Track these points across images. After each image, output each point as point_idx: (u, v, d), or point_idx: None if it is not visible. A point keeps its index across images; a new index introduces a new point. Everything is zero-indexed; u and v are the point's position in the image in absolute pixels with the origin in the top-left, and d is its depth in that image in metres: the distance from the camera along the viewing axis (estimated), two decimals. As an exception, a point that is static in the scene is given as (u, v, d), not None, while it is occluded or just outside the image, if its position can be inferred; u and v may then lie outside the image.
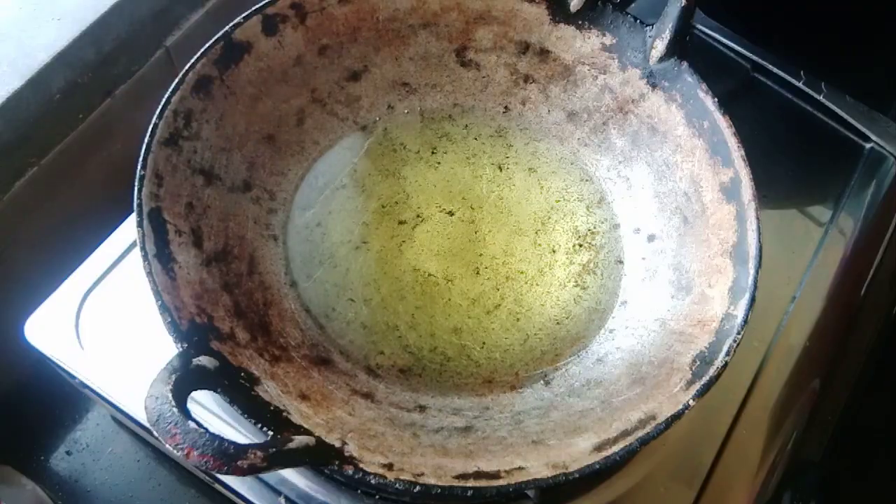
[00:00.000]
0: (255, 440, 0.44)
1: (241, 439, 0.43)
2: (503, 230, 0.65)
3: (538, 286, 0.63)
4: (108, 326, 0.62)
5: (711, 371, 0.53)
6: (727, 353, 0.53)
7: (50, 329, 0.61)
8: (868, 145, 0.84)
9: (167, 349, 0.48)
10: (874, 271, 0.78)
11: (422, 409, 0.57)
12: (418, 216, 0.64)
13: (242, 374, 0.51)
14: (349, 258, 0.63)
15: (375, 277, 0.62)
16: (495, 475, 0.48)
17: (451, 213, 0.65)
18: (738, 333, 0.54)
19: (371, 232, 0.64)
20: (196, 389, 0.45)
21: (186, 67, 0.59)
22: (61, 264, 0.64)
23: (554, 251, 0.65)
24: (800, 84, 0.85)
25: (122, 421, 0.68)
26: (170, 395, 0.42)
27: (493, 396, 0.59)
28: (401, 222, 0.63)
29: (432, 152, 0.68)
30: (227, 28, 0.62)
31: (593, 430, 0.52)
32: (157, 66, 0.75)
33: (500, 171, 0.67)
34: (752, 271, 0.56)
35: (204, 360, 0.47)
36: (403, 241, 0.64)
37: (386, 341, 0.60)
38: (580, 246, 0.65)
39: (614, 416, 0.53)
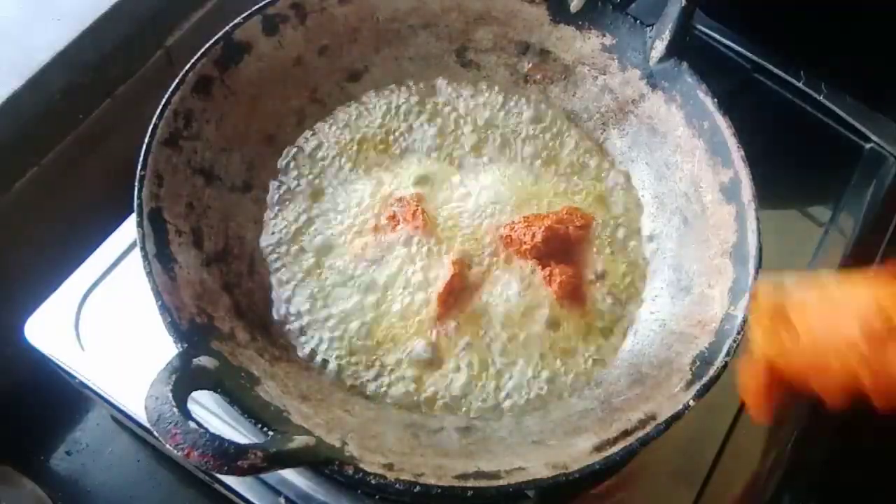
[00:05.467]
0: (255, 440, 0.44)
1: (241, 439, 0.43)
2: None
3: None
4: (108, 326, 0.62)
5: (711, 371, 0.53)
6: (727, 354, 0.53)
7: (50, 329, 0.61)
8: (868, 145, 0.84)
9: (167, 349, 0.48)
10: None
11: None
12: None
13: (243, 374, 0.51)
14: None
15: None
16: (495, 475, 0.48)
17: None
18: (738, 333, 0.54)
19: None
20: (196, 389, 0.45)
21: (186, 67, 0.59)
22: (61, 264, 0.64)
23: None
24: (800, 84, 0.85)
25: (122, 421, 0.67)
26: (170, 395, 0.42)
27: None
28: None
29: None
30: (227, 28, 0.62)
31: (593, 430, 0.52)
32: (157, 66, 0.75)
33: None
34: (752, 271, 0.56)
35: (204, 360, 0.47)
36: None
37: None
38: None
39: (614, 416, 0.53)
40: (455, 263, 0.59)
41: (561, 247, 0.62)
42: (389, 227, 0.61)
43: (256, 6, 0.63)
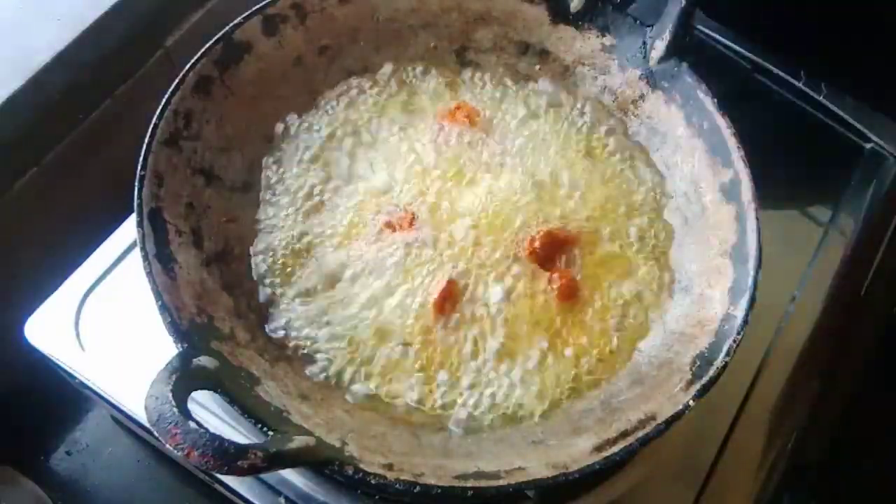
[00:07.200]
0: (255, 440, 0.44)
1: (241, 439, 0.43)
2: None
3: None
4: (108, 326, 0.62)
5: (711, 371, 0.53)
6: (727, 354, 0.53)
7: (50, 329, 0.61)
8: (868, 145, 0.84)
9: (167, 349, 0.48)
10: (874, 271, 0.78)
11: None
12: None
13: (243, 374, 0.51)
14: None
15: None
16: (495, 475, 0.48)
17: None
18: (738, 333, 0.54)
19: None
20: (196, 389, 0.45)
21: (186, 67, 0.59)
22: (61, 264, 0.64)
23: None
24: (800, 84, 0.85)
25: (122, 421, 0.68)
26: (170, 395, 0.42)
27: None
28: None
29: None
30: (227, 28, 0.62)
31: (593, 430, 0.52)
32: (157, 66, 0.75)
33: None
34: (752, 271, 0.56)
35: (204, 360, 0.47)
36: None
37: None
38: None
39: (614, 416, 0.53)
40: (451, 269, 0.59)
41: (561, 251, 0.61)
42: (385, 233, 0.61)
43: (256, 6, 0.63)
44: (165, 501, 0.71)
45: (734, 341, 0.54)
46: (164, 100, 0.58)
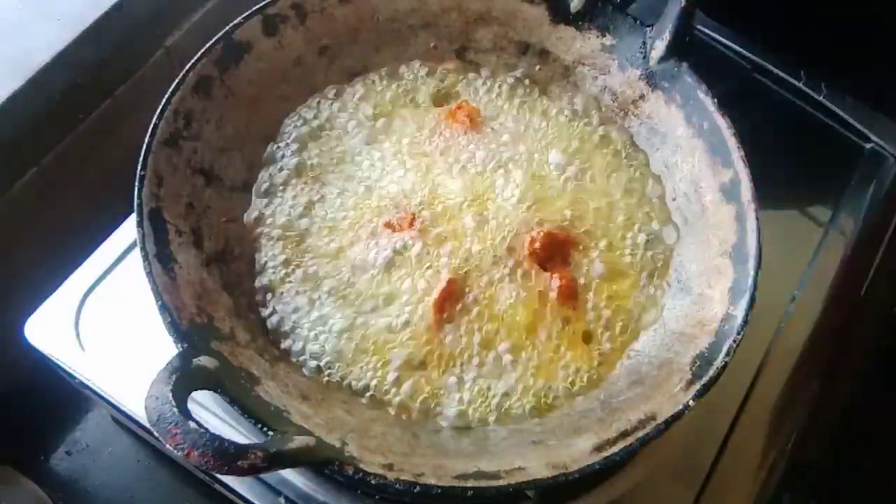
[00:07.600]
0: (255, 440, 0.44)
1: (241, 439, 0.43)
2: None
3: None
4: (108, 326, 0.62)
5: (711, 371, 0.53)
6: (727, 354, 0.53)
7: (50, 329, 0.61)
8: (868, 145, 0.84)
9: (167, 349, 0.48)
10: (874, 271, 0.78)
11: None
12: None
13: (243, 374, 0.51)
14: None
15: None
16: (495, 475, 0.48)
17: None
18: (738, 333, 0.54)
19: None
20: (196, 389, 0.45)
21: (186, 68, 0.59)
22: (61, 264, 0.64)
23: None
24: (800, 84, 0.85)
25: (122, 421, 0.68)
26: (170, 395, 0.42)
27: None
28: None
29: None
30: (227, 28, 0.62)
31: (593, 430, 0.52)
32: (157, 66, 0.75)
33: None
34: (751, 271, 0.56)
35: (204, 360, 0.47)
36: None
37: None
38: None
39: (614, 416, 0.53)
40: (451, 270, 0.59)
41: (561, 251, 0.61)
42: (386, 233, 0.61)
43: (256, 6, 0.63)
44: (165, 501, 0.71)
45: (734, 341, 0.54)
46: (164, 100, 0.58)
